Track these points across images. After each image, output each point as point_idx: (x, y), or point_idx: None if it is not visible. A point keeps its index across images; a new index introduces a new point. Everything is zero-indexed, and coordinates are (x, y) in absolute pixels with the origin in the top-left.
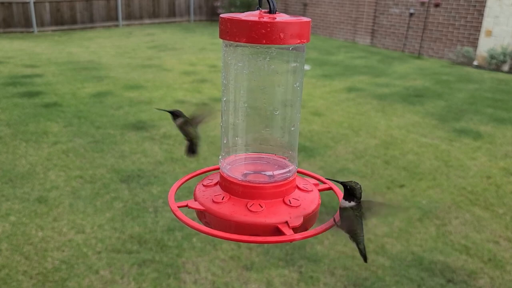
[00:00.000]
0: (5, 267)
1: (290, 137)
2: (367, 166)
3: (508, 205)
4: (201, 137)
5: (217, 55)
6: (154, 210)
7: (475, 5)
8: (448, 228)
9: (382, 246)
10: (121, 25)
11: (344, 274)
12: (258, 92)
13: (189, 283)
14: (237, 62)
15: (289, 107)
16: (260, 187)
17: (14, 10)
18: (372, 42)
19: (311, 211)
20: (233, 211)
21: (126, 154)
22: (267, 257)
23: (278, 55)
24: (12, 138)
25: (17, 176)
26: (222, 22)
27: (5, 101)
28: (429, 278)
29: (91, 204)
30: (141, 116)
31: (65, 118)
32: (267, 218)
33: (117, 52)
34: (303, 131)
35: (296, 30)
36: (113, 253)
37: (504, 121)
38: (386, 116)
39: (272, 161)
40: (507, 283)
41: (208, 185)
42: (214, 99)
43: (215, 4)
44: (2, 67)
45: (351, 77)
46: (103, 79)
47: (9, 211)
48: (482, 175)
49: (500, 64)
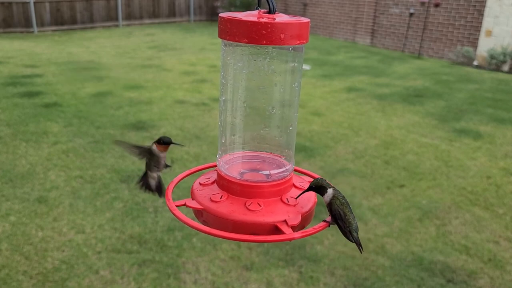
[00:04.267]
0: (5, 267)
1: (288, 136)
2: (367, 166)
3: (508, 205)
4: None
5: (217, 55)
6: (154, 210)
7: (475, 5)
8: (448, 228)
9: (382, 246)
10: (121, 25)
11: (344, 274)
12: (257, 92)
13: (189, 283)
14: (236, 62)
15: (287, 107)
16: (258, 186)
17: (14, 10)
18: (372, 42)
19: (308, 209)
20: (231, 210)
21: (126, 154)
22: (267, 257)
23: (278, 55)
24: (12, 138)
25: (17, 176)
26: (222, 22)
27: (5, 101)
28: (429, 278)
29: (91, 204)
30: (141, 116)
31: (65, 118)
32: (265, 217)
33: (117, 52)
34: (303, 131)
35: (296, 31)
36: (113, 253)
37: (504, 121)
38: (386, 116)
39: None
40: (507, 283)
41: (205, 183)
42: (214, 99)
43: (215, 4)
44: (2, 67)
45: (351, 77)
46: (103, 79)
47: (9, 211)
48: (482, 175)
49: (500, 64)
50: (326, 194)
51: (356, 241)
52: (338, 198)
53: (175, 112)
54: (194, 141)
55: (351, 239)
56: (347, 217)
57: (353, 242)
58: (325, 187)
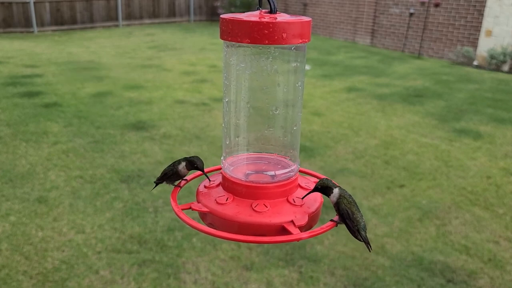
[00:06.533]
0: (5, 267)
1: (292, 136)
2: (367, 166)
3: (508, 205)
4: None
5: (217, 55)
6: (154, 210)
7: (475, 5)
8: (448, 228)
9: (382, 246)
10: (121, 25)
11: (344, 274)
12: (260, 92)
13: (189, 283)
14: (239, 62)
15: (291, 107)
16: (264, 187)
17: (14, 10)
18: (372, 42)
19: (315, 209)
20: (238, 212)
21: (126, 154)
22: (267, 257)
23: (280, 55)
24: (12, 138)
25: (17, 176)
26: (224, 22)
27: (5, 101)
28: (429, 278)
29: (91, 204)
30: (141, 116)
31: (65, 118)
32: (272, 218)
33: (117, 52)
34: (303, 131)
35: (298, 30)
36: (113, 253)
37: (504, 121)
38: (386, 116)
39: (273, 161)
40: (507, 283)
41: (210, 186)
42: (214, 99)
43: (215, 4)
44: (2, 67)
45: (351, 77)
46: (103, 79)
47: (9, 211)
48: (482, 175)
49: (500, 64)
50: (332, 194)
51: (364, 239)
52: (345, 197)
53: (175, 112)
54: (194, 141)
55: (360, 238)
56: (355, 216)
57: (361, 241)
58: (331, 188)
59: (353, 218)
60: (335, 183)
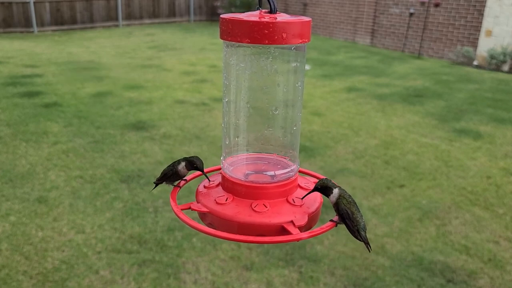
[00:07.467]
0: (5, 267)
1: (292, 136)
2: (367, 166)
3: (508, 205)
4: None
5: (217, 55)
6: (154, 210)
7: (475, 5)
8: (448, 228)
9: (382, 246)
10: (121, 25)
11: (344, 274)
12: (260, 92)
13: (189, 283)
14: (239, 62)
15: (291, 107)
16: (264, 187)
17: (14, 10)
18: (372, 42)
19: (315, 209)
20: (237, 212)
21: (126, 154)
22: (267, 257)
23: (280, 55)
24: (12, 138)
25: (17, 176)
26: (223, 22)
27: (5, 101)
28: (429, 278)
29: (91, 204)
30: (141, 116)
31: (65, 118)
32: (272, 218)
33: (117, 52)
34: (303, 131)
35: (298, 29)
36: (113, 253)
37: (504, 121)
38: (386, 116)
39: (273, 161)
40: (507, 283)
41: (209, 186)
42: (214, 99)
43: (215, 4)
44: (2, 67)
45: (351, 77)
46: (103, 79)
47: (9, 211)
48: (482, 175)
49: (500, 64)
50: (332, 195)
51: (364, 240)
52: (344, 197)
53: (175, 112)
54: (194, 141)
55: (359, 238)
56: (355, 216)
57: (361, 241)
58: (330, 188)
59: (352, 218)
60: (334, 183)
